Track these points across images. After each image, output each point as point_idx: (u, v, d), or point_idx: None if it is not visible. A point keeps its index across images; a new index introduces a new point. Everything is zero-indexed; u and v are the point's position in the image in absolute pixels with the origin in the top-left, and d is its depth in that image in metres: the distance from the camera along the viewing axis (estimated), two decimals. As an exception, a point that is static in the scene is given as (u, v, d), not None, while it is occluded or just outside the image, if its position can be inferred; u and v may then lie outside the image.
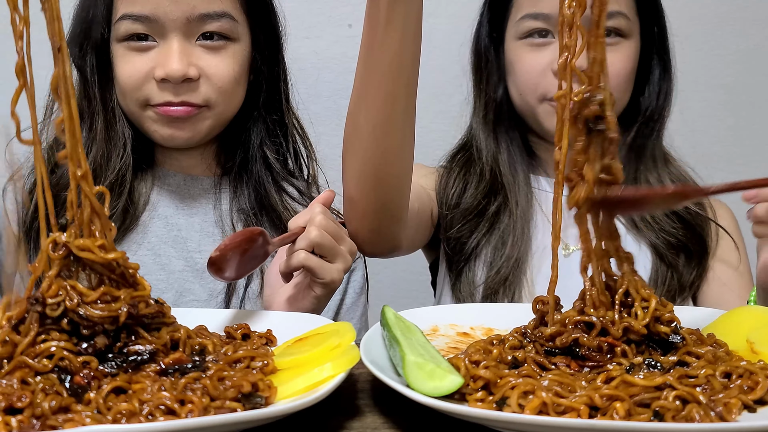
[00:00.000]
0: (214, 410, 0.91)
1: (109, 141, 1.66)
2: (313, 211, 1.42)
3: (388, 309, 1.16)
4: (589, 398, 0.92)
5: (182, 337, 1.08)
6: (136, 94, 1.63)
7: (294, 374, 1.02)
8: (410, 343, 1.03)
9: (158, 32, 1.60)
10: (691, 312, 1.31)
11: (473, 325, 1.29)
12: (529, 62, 1.76)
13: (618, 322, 1.06)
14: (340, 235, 1.43)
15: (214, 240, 1.71)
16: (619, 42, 1.74)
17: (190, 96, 1.61)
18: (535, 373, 1.01)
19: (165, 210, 1.74)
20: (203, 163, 1.80)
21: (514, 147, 1.86)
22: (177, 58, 1.58)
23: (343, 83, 2.40)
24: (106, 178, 1.63)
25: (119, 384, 0.94)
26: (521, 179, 1.83)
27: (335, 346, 1.05)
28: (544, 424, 0.88)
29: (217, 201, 1.77)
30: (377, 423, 1.00)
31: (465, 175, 1.85)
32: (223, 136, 1.79)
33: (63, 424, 0.86)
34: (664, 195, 1.18)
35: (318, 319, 1.24)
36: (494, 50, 1.87)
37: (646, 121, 1.84)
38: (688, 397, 0.92)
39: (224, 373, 1.00)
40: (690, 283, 1.76)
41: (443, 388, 0.94)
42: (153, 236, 1.70)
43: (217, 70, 1.63)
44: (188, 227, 1.73)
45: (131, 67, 1.62)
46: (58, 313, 0.99)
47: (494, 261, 1.76)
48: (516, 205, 1.79)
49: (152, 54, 1.61)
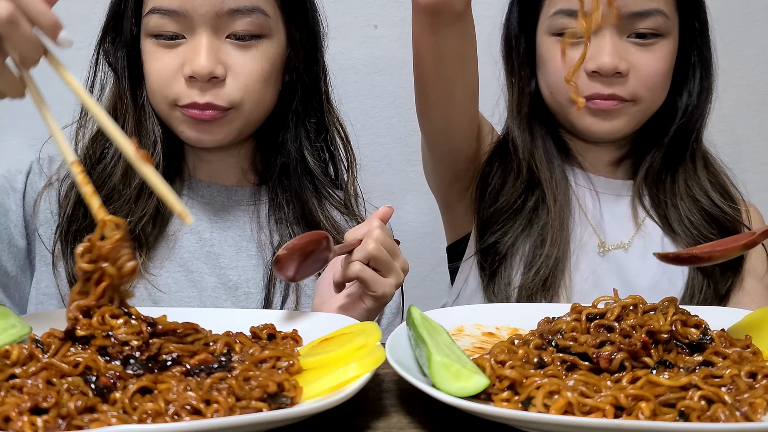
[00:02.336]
0: (239, 410, 0.92)
1: (139, 139, 1.60)
2: (372, 224, 1.40)
3: (414, 309, 1.16)
4: (615, 398, 0.92)
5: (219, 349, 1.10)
6: (165, 91, 1.59)
7: (319, 374, 1.02)
8: (436, 343, 1.03)
9: (187, 27, 1.56)
10: (715, 312, 1.30)
11: (498, 325, 1.29)
12: (561, 61, 1.68)
13: (639, 329, 1.07)
14: (395, 251, 1.42)
15: (248, 255, 1.68)
16: (656, 42, 1.68)
17: (215, 96, 1.56)
18: (560, 373, 1.00)
19: (198, 224, 1.69)
20: (237, 168, 1.74)
21: (548, 141, 1.80)
22: (205, 54, 1.54)
23: (370, 84, 2.40)
24: (136, 177, 1.58)
25: (145, 384, 0.95)
26: (558, 174, 1.77)
27: (361, 346, 1.06)
28: (570, 423, 0.88)
29: (255, 213, 1.72)
30: (403, 423, 1.00)
31: (503, 172, 1.79)
32: (259, 138, 1.74)
33: (89, 424, 0.87)
34: (736, 248, 1.19)
35: (343, 319, 1.24)
36: (525, 40, 1.80)
37: (686, 121, 1.77)
38: (713, 397, 0.92)
39: (250, 373, 1.00)
40: (725, 292, 1.71)
41: (469, 388, 0.94)
42: (185, 251, 1.65)
43: (244, 68, 1.58)
44: (221, 242, 1.68)
45: (160, 63, 1.59)
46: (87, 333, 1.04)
47: (534, 261, 1.70)
48: (554, 201, 1.74)
49: (181, 50, 1.57)
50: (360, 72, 2.41)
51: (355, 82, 2.40)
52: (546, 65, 1.73)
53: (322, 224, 1.68)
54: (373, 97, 2.36)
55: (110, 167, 1.62)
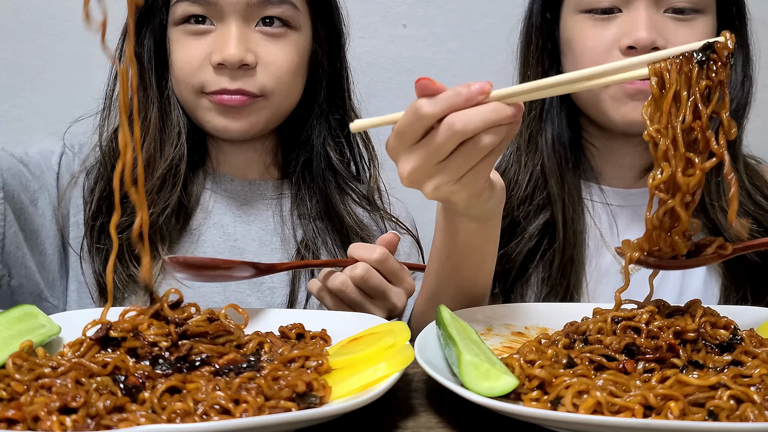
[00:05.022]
0: (268, 410, 0.92)
1: (163, 130, 1.62)
2: (374, 251, 1.42)
3: (444, 308, 1.15)
4: (644, 398, 0.91)
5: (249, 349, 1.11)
6: (191, 80, 1.59)
7: (348, 374, 1.02)
8: (466, 343, 1.03)
9: (216, 15, 1.57)
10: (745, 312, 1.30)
11: (527, 324, 1.29)
12: (593, 39, 1.58)
13: (667, 329, 1.07)
14: (398, 276, 1.44)
15: (272, 249, 1.69)
16: (694, 18, 1.56)
17: (246, 83, 1.56)
18: (589, 373, 1.00)
19: (221, 218, 1.70)
20: (260, 162, 1.75)
21: (561, 150, 1.69)
22: (235, 42, 1.54)
23: (398, 83, 2.40)
24: (159, 167, 1.59)
25: (174, 384, 0.95)
26: (575, 197, 1.67)
27: (390, 346, 1.06)
28: (599, 423, 0.88)
29: (278, 207, 1.73)
30: (432, 423, 1.00)
31: (511, 188, 1.69)
32: (282, 134, 1.75)
33: (117, 424, 0.87)
34: None
35: (372, 318, 1.25)
36: (547, 30, 1.70)
37: (732, 114, 1.54)
38: (742, 397, 0.92)
39: (279, 373, 1.00)
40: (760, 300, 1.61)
41: (498, 389, 0.94)
42: (208, 246, 1.66)
43: (275, 58, 1.59)
44: (245, 236, 1.69)
45: (187, 52, 1.59)
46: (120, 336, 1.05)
47: (549, 283, 1.63)
48: (564, 225, 1.64)
49: (209, 38, 1.58)
50: (388, 71, 2.41)
51: (383, 81, 2.40)
52: (574, 47, 1.62)
53: (345, 219, 1.70)
54: (401, 96, 2.36)
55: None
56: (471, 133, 1.07)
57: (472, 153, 1.09)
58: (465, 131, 1.06)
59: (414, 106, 1.08)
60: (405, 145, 1.12)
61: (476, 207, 1.23)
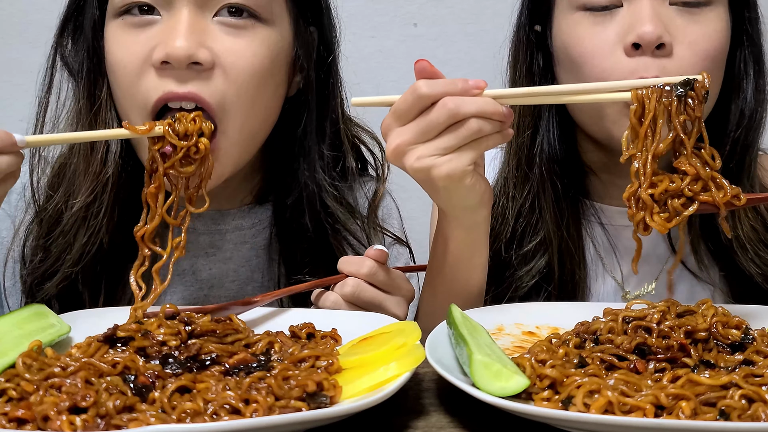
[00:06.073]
0: (278, 409, 0.92)
1: (88, 156, 1.36)
2: (363, 265, 1.32)
3: (455, 308, 1.15)
4: (655, 397, 0.91)
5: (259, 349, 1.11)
6: (131, 89, 1.29)
7: (359, 373, 1.02)
8: (477, 343, 1.03)
9: (163, 2, 1.27)
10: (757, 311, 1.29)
11: (539, 324, 1.29)
12: (593, 39, 1.39)
13: (678, 329, 1.07)
14: (393, 284, 1.34)
15: (254, 288, 1.51)
16: (703, 12, 1.38)
17: (199, 87, 1.26)
18: (600, 372, 1.00)
19: (190, 262, 1.47)
20: (235, 197, 1.51)
21: (557, 168, 1.53)
22: (184, 33, 1.24)
23: (408, 83, 2.39)
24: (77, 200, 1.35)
25: (184, 383, 0.95)
26: (574, 232, 1.54)
27: (400, 346, 1.05)
28: (610, 423, 0.87)
29: (256, 237, 1.52)
30: (443, 422, 1.00)
31: (499, 222, 1.56)
32: (263, 161, 1.50)
33: (127, 424, 0.87)
34: None
35: (383, 318, 1.24)
36: (537, 42, 1.54)
37: (746, 129, 1.46)
38: (754, 396, 0.91)
39: (289, 373, 1.00)
40: None
41: (509, 389, 0.94)
42: (182, 292, 1.48)
43: (237, 58, 1.28)
44: (222, 276, 1.49)
45: (125, 50, 1.29)
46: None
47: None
48: (561, 267, 1.53)
49: (153, 31, 1.28)
50: (399, 71, 2.41)
51: (394, 81, 2.40)
52: (572, 52, 1.42)
53: (336, 253, 1.47)
54: (413, 96, 2.36)
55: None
56: (462, 116, 1.18)
57: (460, 132, 1.18)
58: (457, 112, 1.17)
59: (413, 87, 1.21)
60: (399, 123, 1.22)
61: (458, 194, 1.24)
